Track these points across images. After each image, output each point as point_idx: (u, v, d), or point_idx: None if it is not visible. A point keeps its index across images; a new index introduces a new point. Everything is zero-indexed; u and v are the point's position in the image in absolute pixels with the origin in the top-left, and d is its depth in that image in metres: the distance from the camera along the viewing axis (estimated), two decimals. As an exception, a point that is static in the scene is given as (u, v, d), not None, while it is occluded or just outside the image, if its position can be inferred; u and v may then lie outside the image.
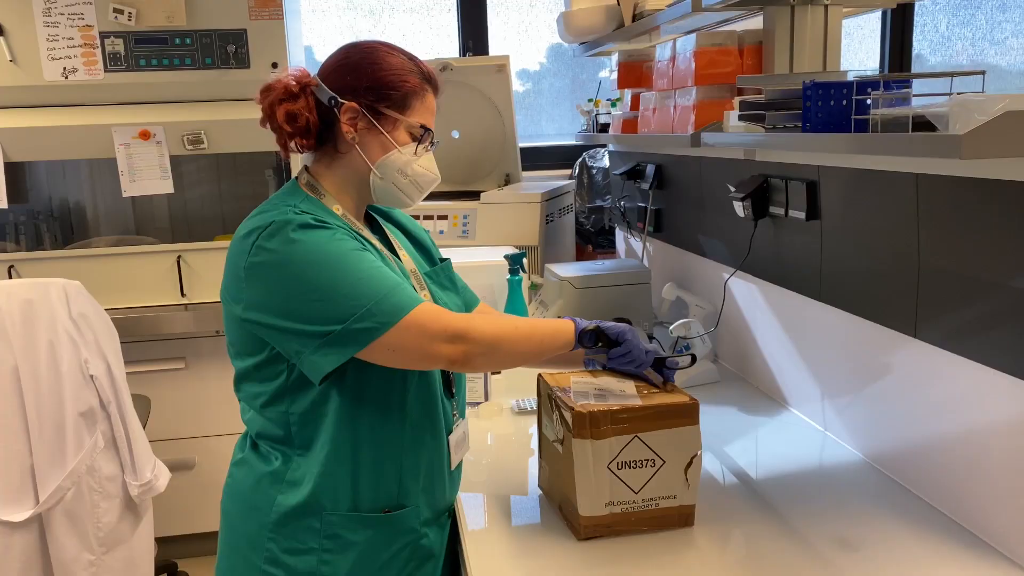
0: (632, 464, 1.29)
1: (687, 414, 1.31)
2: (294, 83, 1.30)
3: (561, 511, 1.39)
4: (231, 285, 1.26)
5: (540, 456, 1.49)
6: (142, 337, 2.77)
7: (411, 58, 1.35)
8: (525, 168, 3.28)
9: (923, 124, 1.20)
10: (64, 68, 2.73)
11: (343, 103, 1.30)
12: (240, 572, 1.33)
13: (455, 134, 3.15)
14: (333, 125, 1.32)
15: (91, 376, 2.14)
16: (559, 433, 1.35)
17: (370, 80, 1.30)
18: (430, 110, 1.36)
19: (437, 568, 1.41)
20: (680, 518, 1.33)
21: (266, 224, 1.22)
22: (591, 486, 1.29)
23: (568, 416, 1.30)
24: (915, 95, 1.31)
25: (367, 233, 1.36)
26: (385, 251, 1.36)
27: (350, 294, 1.19)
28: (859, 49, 3.69)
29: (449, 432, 1.40)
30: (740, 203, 1.86)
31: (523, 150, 3.25)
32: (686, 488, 1.32)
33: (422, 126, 1.34)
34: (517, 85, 3.71)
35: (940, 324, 1.34)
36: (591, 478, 1.28)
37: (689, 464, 1.31)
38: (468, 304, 1.55)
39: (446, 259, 1.52)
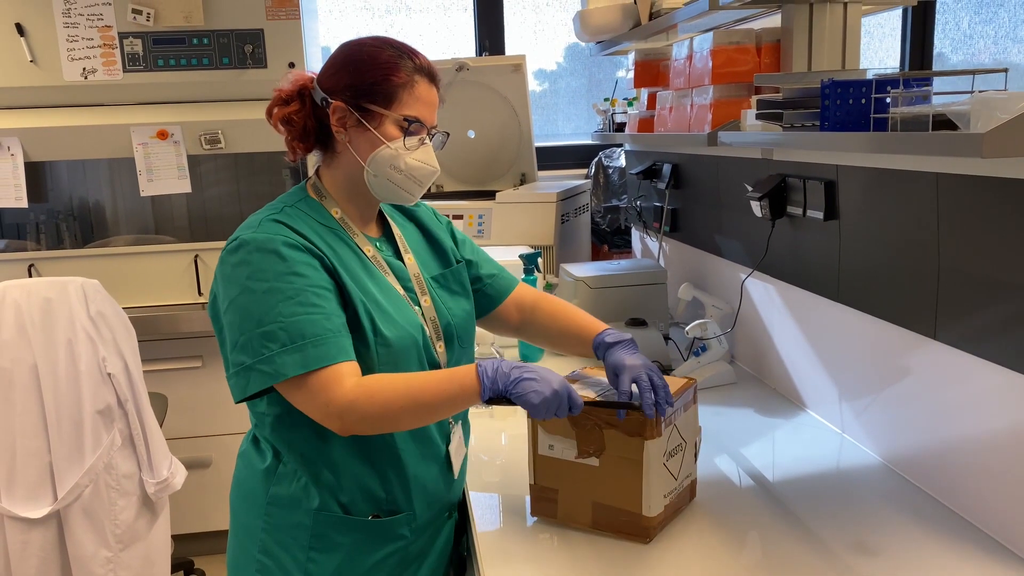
0: (674, 452, 1.34)
1: (694, 393, 1.42)
2: (289, 87, 1.33)
3: (600, 526, 1.33)
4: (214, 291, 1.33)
5: (540, 483, 1.37)
6: (159, 336, 2.79)
7: (402, 52, 1.32)
8: (541, 168, 3.27)
9: (944, 123, 1.19)
10: (84, 68, 2.75)
11: (332, 103, 1.30)
12: (241, 560, 1.37)
13: (471, 134, 3.15)
14: (326, 126, 1.33)
15: (109, 374, 2.15)
16: (578, 447, 1.32)
17: (352, 77, 1.30)
18: (423, 101, 1.32)
19: (425, 568, 1.40)
20: (691, 492, 1.43)
21: (234, 238, 1.26)
22: (654, 485, 1.29)
23: (620, 422, 1.27)
24: (936, 93, 1.30)
25: (361, 240, 1.35)
26: (376, 255, 1.35)
27: (266, 334, 1.20)
28: (879, 48, 3.65)
29: (447, 440, 1.39)
30: (757, 203, 1.85)
31: (539, 150, 3.24)
32: (694, 463, 1.42)
33: (407, 118, 1.30)
34: (533, 85, 3.70)
35: (960, 326, 1.32)
36: (654, 477, 1.29)
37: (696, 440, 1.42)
38: (503, 290, 1.52)
39: (462, 262, 1.49)
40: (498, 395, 1.22)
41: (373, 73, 1.30)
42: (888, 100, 1.32)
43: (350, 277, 1.28)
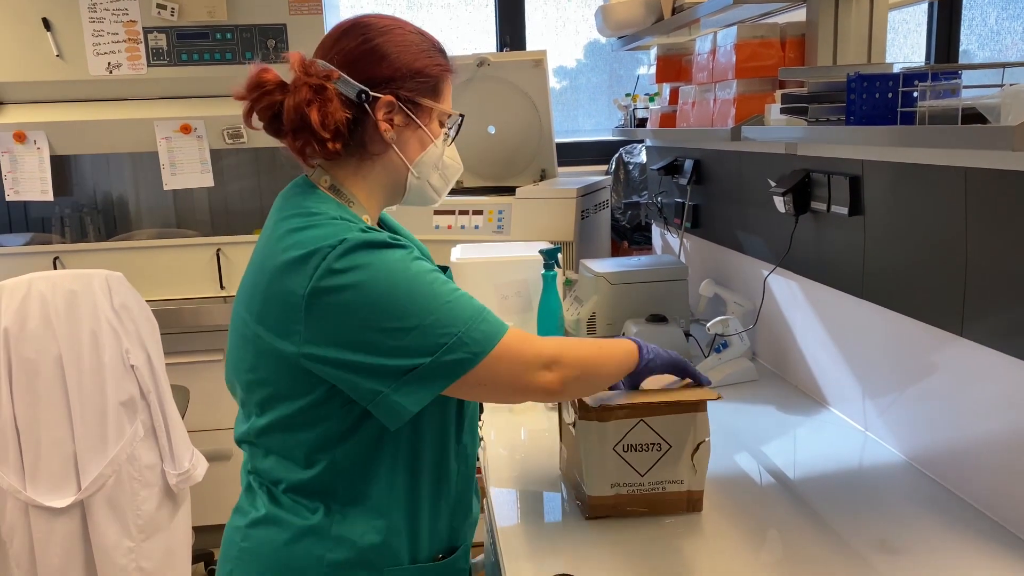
0: (638, 447, 1.32)
1: (694, 400, 1.33)
2: (311, 79, 1.10)
3: (575, 493, 1.41)
4: (276, 317, 1.06)
5: (560, 439, 1.51)
6: (181, 329, 2.81)
7: (424, 34, 1.19)
8: (561, 163, 3.26)
9: (973, 116, 1.17)
10: (109, 63, 2.78)
11: (377, 97, 1.12)
12: None
13: (491, 129, 3.14)
14: (361, 123, 1.13)
15: (132, 366, 2.17)
16: (573, 416, 1.36)
17: (405, 67, 1.13)
18: (450, 91, 1.22)
19: None
20: (688, 503, 1.35)
21: (335, 243, 1.04)
22: (597, 467, 1.32)
23: (576, 399, 1.32)
24: (965, 87, 1.28)
25: None
26: None
27: (439, 321, 1.03)
28: (904, 44, 3.61)
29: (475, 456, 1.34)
30: (781, 198, 1.83)
31: (559, 145, 3.24)
32: (693, 474, 1.34)
33: (453, 114, 1.22)
34: (554, 81, 3.69)
35: (987, 322, 1.31)
36: (597, 459, 1.31)
37: (696, 450, 1.33)
38: None
39: (446, 267, 1.45)
40: (643, 370, 1.25)
41: (423, 61, 1.15)
42: (915, 94, 1.31)
43: None
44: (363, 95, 1.12)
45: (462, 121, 1.24)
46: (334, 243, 1.04)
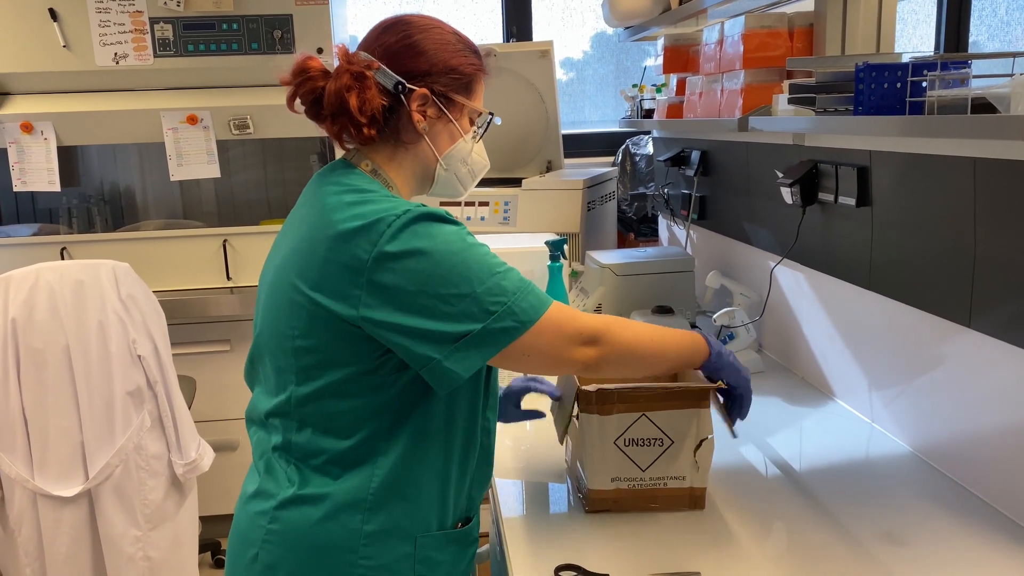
0: (639, 442, 1.32)
1: (698, 396, 1.32)
2: (352, 67, 1.17)
3: (577, 485, 1.42)
4: (336, 282, 1.10)
5: (567, 432, 1.50)
6: (188, 319, 2.82)
7: (460, 35, 1.27)
8: (567, 155, 3.25)
9: (983, 106, 1.16)
10: (115, 54, 2.78)
11: (413, 89, 1.19)
12: None
13: (497, 120, 3.13)
14: (396, 112, 1.20)
15: (139, 356, 2.18)
16: (576, 409, 1.37)
17: (441, 63, 1.21)
18: (483, 91, 1.29)
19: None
20: (690, 500, 1.35)
21: (400, 212, 1.10)
22: (598, 460, 1.32)
23: (577, 392, 1.32)
24: (975, 76, 1.27)
25: None
26: None
27: (490, 290, 1.09)
28: (912, 35, 3.58)
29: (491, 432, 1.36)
30: (788, 189, 1.82)
31: (565, 137, 3.23)
32: (695, 470, 1.34)
33: (484, 112, 1.29)
34: (560, 73, 3.68)
35: (996, 314, 1.30)
36: (598, 452, 1.32)
37: (698, 447, 1.32)
38: None
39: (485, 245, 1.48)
40: (712, 367, 1.26)
41: (458, 59, 1.22)
42: (925, 84, 1.30)
43: None
44: (400, 86, 1.19)
45: (491, 121, 1.31)
46: (399, 212, 1.10)
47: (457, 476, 1.22)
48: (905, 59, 1.38)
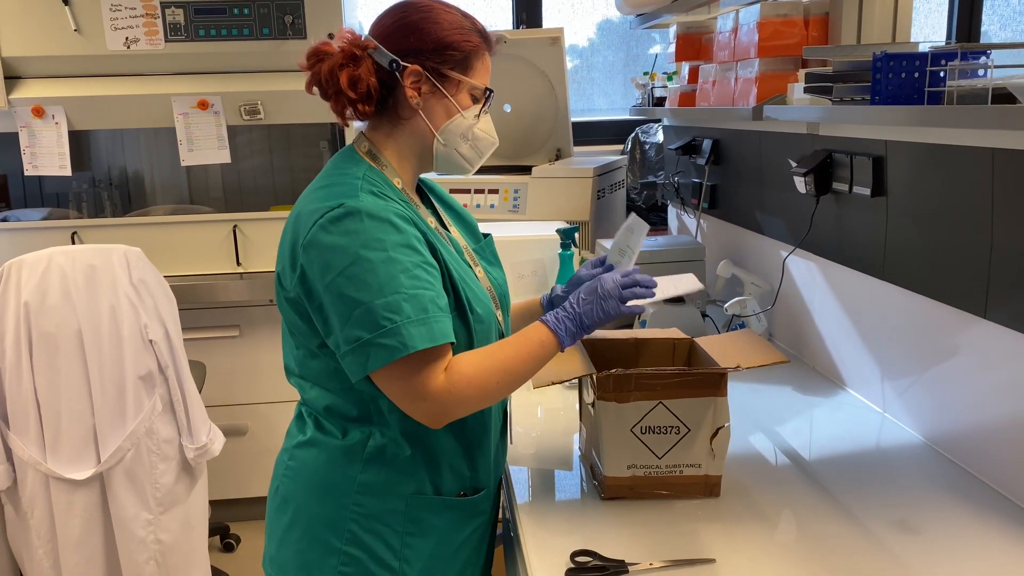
0: (656, 429, 1.33)
1: (714, 384, 1.32)
2: (346, 46, 1.23)
3: (592, 472, 1.43)
4: (284, 264, 1.21)
5: (580, 419, 1.53)
6: (198, 304, 2.83)
7: (467, 16, 1.29)
8: (577, 143, 3.25)
9: (1003, 96, 1.16)
10: (126, 38, 2.77)
11: (406, 66, 1.23)
12: (313, 556, 1.26)
13: (507, 108, 3.13)
14: (393, 90, 1.25)
15: (150, 340, 2.19)
16: (592, 396, 1.37)
17: (433, 41, 1.24)
18: (488, 70, 1.30)
19: (493, 538, 1.41)
20: (705, 487, 1.36)
21: (335, 205, 1.15)
22: (614, 447, 1.33)
23: (594, 378, 1.33)
24: (995, 67, 1.26)
25: (423, 211, 1.30)
26: (438, 227, 1.32)
27: (387, 305, 1.12)
28: (924, 24, 3.56)
29: (504, 410, 1.39)
30: (802, 179, 1.82)
31: (575, 125, 3.22)
32: (711, 458, 1.34)
33: (485, 88, 1.29)
34: (569, 61, 3.67)
35: (1012, 305, 1.30)
36: (615, 440, 1.33)
37: (715, 435, 1.33)
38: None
39: (488, 234, 1.47)
40: (577, 335, 1.26)
41: (453, 37, 1.24)
42: (943, 74, 1.29)
43: (445, 253, 1.24)
44: (394, 64, 1.24)
45: (490, 96, 1.31)
46: (334, 204, 1.16)
47: (451, 445, 1.27)
48: (923, 49, 1.38)
